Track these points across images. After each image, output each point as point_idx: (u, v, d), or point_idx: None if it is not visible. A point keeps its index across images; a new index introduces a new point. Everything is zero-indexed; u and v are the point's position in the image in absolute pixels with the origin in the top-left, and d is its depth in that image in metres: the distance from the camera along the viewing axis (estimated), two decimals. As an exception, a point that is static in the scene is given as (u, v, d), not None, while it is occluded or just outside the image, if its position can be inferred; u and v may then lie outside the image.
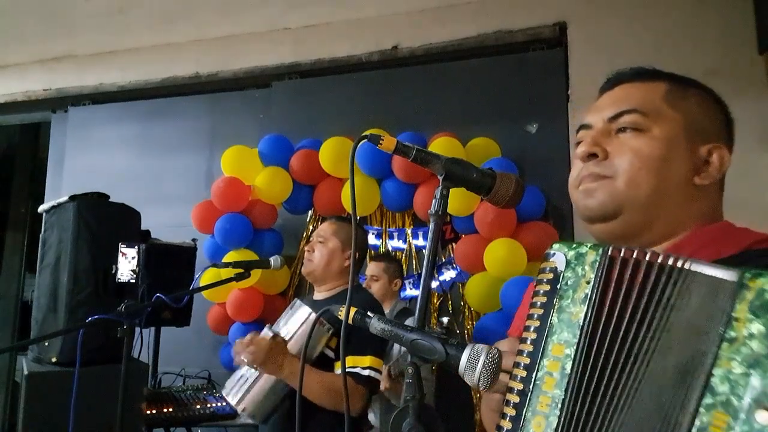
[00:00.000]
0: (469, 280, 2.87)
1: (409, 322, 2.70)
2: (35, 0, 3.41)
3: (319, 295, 1.94)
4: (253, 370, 1.65)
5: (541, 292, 0.64)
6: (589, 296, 0.60)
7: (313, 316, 1.67)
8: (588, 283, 0.61)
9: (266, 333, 1.66)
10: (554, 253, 0.64)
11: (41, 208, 2.46)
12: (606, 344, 0.58)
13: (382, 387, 1.97)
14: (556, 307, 0.62)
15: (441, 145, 2.83)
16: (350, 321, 0.75)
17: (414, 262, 3.27)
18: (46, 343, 2.15)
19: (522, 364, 0.61)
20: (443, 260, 3.15)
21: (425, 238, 2.28)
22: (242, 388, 1.66)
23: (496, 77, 3.23)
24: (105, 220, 2.30)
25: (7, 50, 4.09)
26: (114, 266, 2.25)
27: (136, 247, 2.31)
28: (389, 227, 3.32)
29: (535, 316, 0.63)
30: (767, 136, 2.68)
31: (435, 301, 3.16)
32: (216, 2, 3.43)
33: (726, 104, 0.81)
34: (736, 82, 2.71)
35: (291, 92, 3.66)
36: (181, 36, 3.84)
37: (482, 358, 0.62)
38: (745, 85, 2.71)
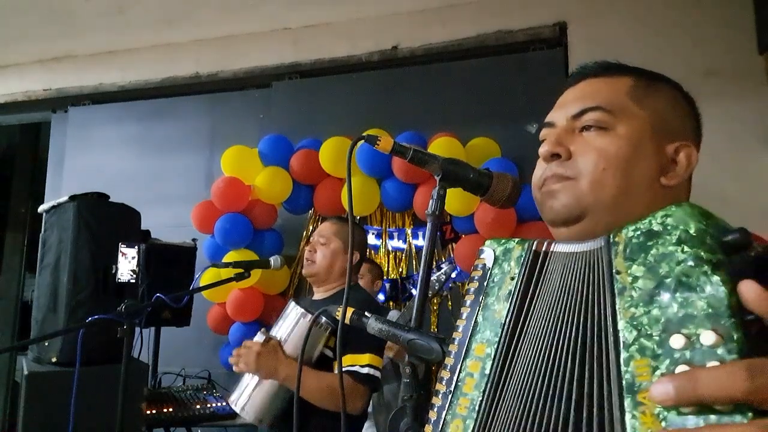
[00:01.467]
0: (468, 280, 2.87)
1: (392, 315, 2.68)
2: (35, 0, 3.42)
3: (318, 295, 1.93)
4: (253, 375, 1.65)
5: (471, 290, 0.62)
6: (512, 292, 0.58)
7: (307, 317, 1.67)
8: (512, 279, 0.59)
9: (258, 337, 1.66)
10: (484, 250, 0.62)
11: (41, 208, 2.46)
12: (516, 341, 0.56)
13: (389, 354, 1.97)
14: (481, 305, 0.60)
15: (441, 145, 2.83)
16: (347, 321, 0.75)
17: (414, 262, 3.27)
18: (46, 343, 2.15)
19: (448, 366, 0.59)
20: (443, 260, 3.15)
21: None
22: (245, 395, 1.67)
23: (496, 77, 3.23)
24: (105, 220, 2.30)
25: (7, 50, 4.09)
26: (114, 266, 2.25)
27: (136, 247, 2.31)
28: (389, 227, 3.32)
29: (464, 315, 0.60)
30: (767, 136, 2.67)
31: (435, 300, 3.16)
32: (216, 2, 3.43)
33: (694, 100, 0.77)
34: (736, 82, 2.71)
35: (291, 92, 3.66)
36: (181, 36, 3.84)
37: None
38: (745, 85, 2.71)
